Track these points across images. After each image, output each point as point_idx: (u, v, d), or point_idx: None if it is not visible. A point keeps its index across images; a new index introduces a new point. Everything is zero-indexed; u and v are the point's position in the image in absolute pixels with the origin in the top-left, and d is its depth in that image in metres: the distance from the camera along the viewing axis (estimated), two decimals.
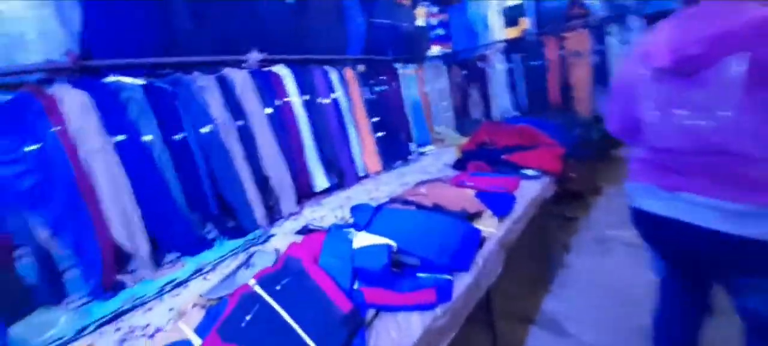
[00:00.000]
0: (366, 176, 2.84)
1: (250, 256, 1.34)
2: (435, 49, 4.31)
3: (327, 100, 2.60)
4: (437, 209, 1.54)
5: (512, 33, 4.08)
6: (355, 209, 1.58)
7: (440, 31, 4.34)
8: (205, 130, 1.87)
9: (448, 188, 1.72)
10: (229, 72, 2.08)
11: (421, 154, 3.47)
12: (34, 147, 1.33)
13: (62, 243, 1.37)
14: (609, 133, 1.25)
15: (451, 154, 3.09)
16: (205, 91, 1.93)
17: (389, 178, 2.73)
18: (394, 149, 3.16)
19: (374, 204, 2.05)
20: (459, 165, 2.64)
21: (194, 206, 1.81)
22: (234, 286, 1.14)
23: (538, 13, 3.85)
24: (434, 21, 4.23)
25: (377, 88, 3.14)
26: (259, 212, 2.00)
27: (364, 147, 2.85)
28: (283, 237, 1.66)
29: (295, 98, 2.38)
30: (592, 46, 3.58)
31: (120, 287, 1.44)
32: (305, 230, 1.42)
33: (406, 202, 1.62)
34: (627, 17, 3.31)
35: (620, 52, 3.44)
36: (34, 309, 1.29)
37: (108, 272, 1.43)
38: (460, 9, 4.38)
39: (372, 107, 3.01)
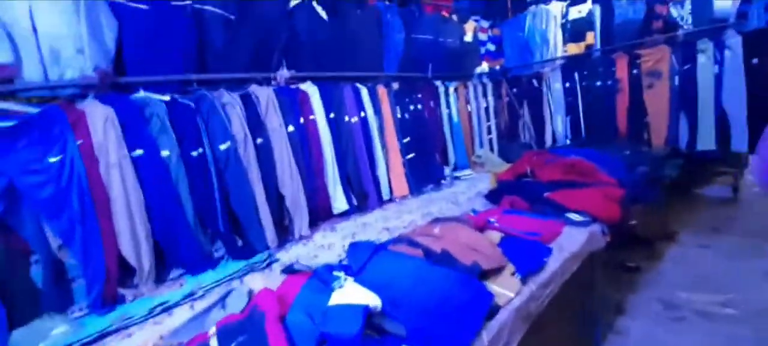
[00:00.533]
0: (391, 200, 2.67)
1: (226, 295, 1.26)
2: (484, 66, 4.01)
3: (355, 119, 2.50)
4: (446, 257, 1.32)
5: (575, 49, 3.63)
6: (353, 249, 1.43)
7: (491, 47, 4.03)
8: (223, 146, 1.88)
9: (465, 231, 1.49)
10: (255, 89, 2.08)
11: (456, 179, 3.20)
12: (56, 159, 1.41)
13: (72, 252, 1.43)
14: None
15: (489, 182, 2.79)
16: (228, 107, 1.94)
17: (415, 204, 2.53)
18: (426, 172, 2.95)
19: (388, 236, 1.88)
20: (492, 197, 2.35)
21: (205, 223, 1.82)
22: (201, 327, 1.06)
23: (607, 27, 3.36)
24: (484, 36, 3.95)
25: (412, 107, 2.97)
26: (269, 233, 1.95)
27: (391, 169, 2.69)
28: (266, 277, 1.56)
29: (320, 116, 2.32)
30: (675, 65, 3.01)
31: (120, 300, 1.47)
32: (289, 270, 1.30)
33: (412, 243, 1.42)
34: (725, 33, 2.71)
35: (711, 73, 2.83)
36: (41, 314, 1.35)
37: (111, 284, 1.46)
38: (516, 23, 4.03)
39: (404, 127, 2.85)
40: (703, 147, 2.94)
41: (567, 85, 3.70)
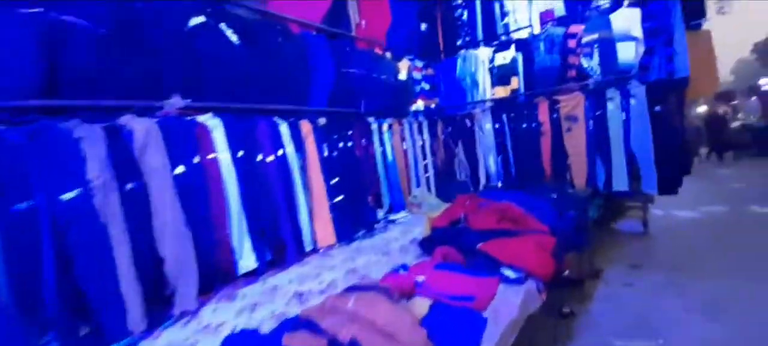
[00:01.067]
0: (315, 251, 2.31)
1: None
2: (420, 104, 3.97)
3: (271, 158, 2.15)
4: None
5: (502, 92, 3.76)
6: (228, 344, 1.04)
7: (425, 86, 4.03)
8: (68, 196, 1.39)
9: (384, 307, 1.20)
10: (128, 121, 1.64)
11: (391, 222, 2.96)
12: None
13: None
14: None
15: (424, 227, 2.59)
16: (84, 143, 1.47)
17: (340, 256, 2.19)
18: (356, 217, 2.66)
19: (297, 307, 1.52)
20: (426, 246, 2.12)
21: (29, 306, 1.28)
22: None
23: (529, 73, 3.54)
24: (418, 75, 3.94)
25: (342, 144, 2.71)
26: (134, 311, 1.45)
27: (315, 214, 2.35)
28: None
29: (223, 154, 1.92)
30: (589, 111, 3.21)
31: None
32: None
33: (315, 328, 1.09)
34: (629, 83, 2.96)
35: (620, 119, 3.06)
36: None
37: None
38: (448, 65, 4.11)
39: (332, 166, 2.56)
40: (618, 188, 3.11)
41: (497, 126, 3.79)
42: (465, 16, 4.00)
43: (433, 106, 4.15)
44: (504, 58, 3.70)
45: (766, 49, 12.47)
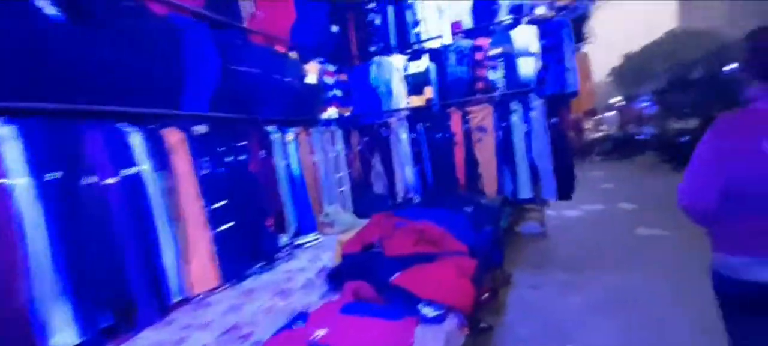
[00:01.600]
0: (187, 300, 1.76)
1: None
2: (332, 112, 3.63)
3: (112, 180, 1.55)
4: None
5: (417, 101, 3.67)
6: None
7: (338, 92, 3.72)
8: None
9: None
10: None
11: (298, 247, 2.53)
12: None
13: None
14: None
15: (335, 252, 2.23)
16: None
17: (220, 306, 1.69)
18: (250, 247, 2.17)
19: None
20: (334, 280, 1.77)
21: None
22: None
23: (442, 83, 3.52)
24: (330, 80, 3.61)
25: (230, 158, 2.20)
26: None
27: (188, 251, 1.80)
28: None
29: (19, 179, 1.28)
30: (497, 122, 3.30)
31: None
32: None
33: None
34: (529, 96, 3.10)
35: (522, 130, 3.20)
36: None
37: None
38: (362, 71, 3.87)
39: (216, 186, 2.03)
40: (523, 196, 3.25)
41: (413, 135, 3.67)
42: (378, 22, 3.83)
43: (347, 114, 3.86)
44: (417, 67, 3.61)
45: (620, 73, 15.53)
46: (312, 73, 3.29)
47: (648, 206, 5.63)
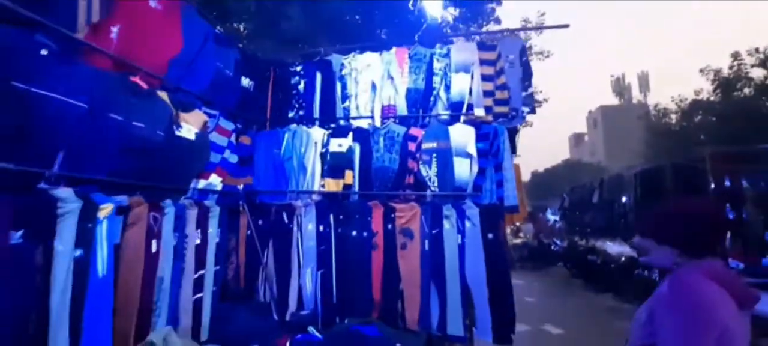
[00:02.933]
0: None
1: None
2: (214, 180, 2.66)
3: None
4: None
5: (333, 186, 2.93)
6: None
7: (232, 157, 2.81)
8: None
9: None
10: None
11: None
12: None
13: None
14: None
15: None
16: None
17: None
18: None
19: None
20: None
21: None
22: None
23: (365, 169, 2.88)
24: (223, 140, 2.72)
25: None
26: None
27: None
28: None
29: None
30: (426, 228, 2.66)
31: None
32: None
33: None
34: (464, 203, 2.57)
35: (455, 242, 2.59)
36: None
37: None
38: (272, 138, 3.09)
39: None
40: (452, 332, 2.49)
41: (321, 228, 2.83)
42: (302, 87, 3.22)
43: (240, 186, 2.92)
44: (340, 145, 2.96)
45: (531, 187, 17.34)
46: (191, 125, 2.38)
47: (573, 330, 5.33)
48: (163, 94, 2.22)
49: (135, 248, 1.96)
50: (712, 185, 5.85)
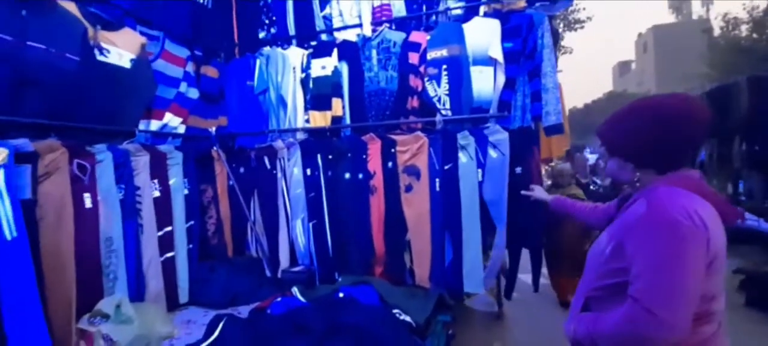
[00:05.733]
0: None
1: None
2: (171, 119, 2.17)
3: None
4: None
5: (320, 120, 2.35)
6: None
7: (192, 92, 2.29)
8: None
9: None
10: None
11: None
12: None
13: None
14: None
15: None
16: None
17: None
18: None
19: None
20: None
21: None
22: None
23: (357, 95, 2.26)
24: (178, 71, 2.18)
25: None
26: None
27: None
28: None
29: None
30: (436, 163, 2.06)
31: None
32: None
33: None
34: (488, 126, 1.92)
35: (475, 179, 1.98)
36: None
37: None
38: (242, 66, 2.51)
39: None
40: (470, 289, 1.98)
41: (308, 171, 2.32)
42: None
43: (213, 129, 2.42)
44: (323, 67, 2.33)
45: (577, 120, 15.78)
46: (122, 49, 1.84)
47: None
48: (69, 6, 1.66)
49: (57, 204, 1.55)
50: None
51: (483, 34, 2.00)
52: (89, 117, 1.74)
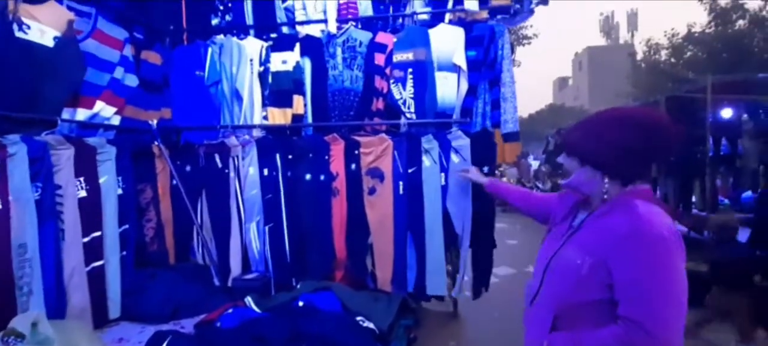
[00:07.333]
0: None
1: None
2: (103, 109, 1.90)
3: None
4: None
5: (279, 117, 2.22)
6: None
7: (131, 80, 2.03)
8: None
9: None
10: None
11: None
12: None
13: None
14: None
15: None
16: None
17: None
18: None
19: None
20: None
21: None
22: None
23: (320, 93, 2.17)
24: (112, 55, 1.92)
25: None
26: None
27: None
28: None
29: None
30: (399, 166, 2.05)
31: None
32: None
33: None
34: (450, 131, 1.94)
35: (438, 182, 2.00)
36: None
37: None
38: (192, 54, 2.29)
39: None
40: (433, 291, 1.99)
41: (266, 172, 2.18)
42: None
43: (153, 121, 2.17)
44: (284, 61, 2.21)
45: (521, 128, 16.86)
46: (44, 25, 1.57)
47: None
48: None
49: None
50: (711, 118, 5.48)
51: (448, 41, 2.03)
52: (2, 102, 1.46)
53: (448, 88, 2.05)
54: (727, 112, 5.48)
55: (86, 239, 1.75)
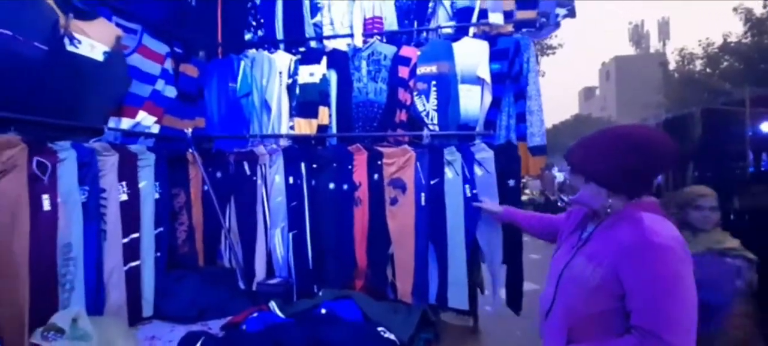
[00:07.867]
0: None
1: None
2: (144, 118, 2.03)
3: None
4: None
5: (305, 128, 2.30)
6: None
7: (170, 91, 2.16)
8: None
9: None
10: None
11: None
12: None
13: None
14: None
15: None
16: None
17: None
18: None
19: None
20: None
21: None
22: None
23: (344, 105, 2.24)
24: (155, 67, 2.06)
25: None
26: None
27: None
28: None
29: None
30: (422, 178, 2.06)
31: None
32: None
33: None
34: (474, 144, 1.95)
35: (460, 194, 2.00)
36: None
37: None
38: (225, 67, 2.42)
39: None
40: (455, 304, 1.98)
41: (291, 180, 2.25)
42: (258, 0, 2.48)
43: (188, 130, 2.29)
44: (311, 74, 2.29)
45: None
46: (95, 41, 1.71)
47: None
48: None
49: (13, 205, 1.41)
50: (750, 132, 5.18)
51: (472, 54, 2.05)
52: (54, 111, 1.60)
53: (472, 101, 2.06)
54: (767, 126, 5.17)
55: (125, 240, 1.86)
